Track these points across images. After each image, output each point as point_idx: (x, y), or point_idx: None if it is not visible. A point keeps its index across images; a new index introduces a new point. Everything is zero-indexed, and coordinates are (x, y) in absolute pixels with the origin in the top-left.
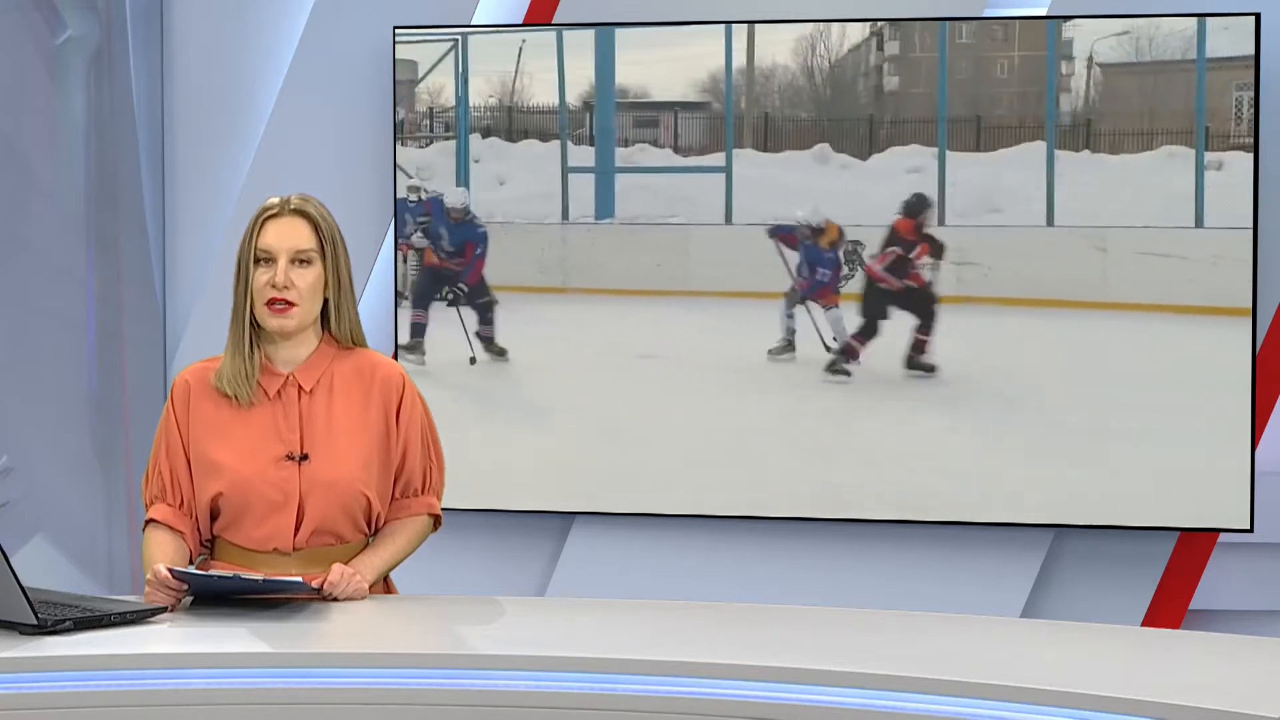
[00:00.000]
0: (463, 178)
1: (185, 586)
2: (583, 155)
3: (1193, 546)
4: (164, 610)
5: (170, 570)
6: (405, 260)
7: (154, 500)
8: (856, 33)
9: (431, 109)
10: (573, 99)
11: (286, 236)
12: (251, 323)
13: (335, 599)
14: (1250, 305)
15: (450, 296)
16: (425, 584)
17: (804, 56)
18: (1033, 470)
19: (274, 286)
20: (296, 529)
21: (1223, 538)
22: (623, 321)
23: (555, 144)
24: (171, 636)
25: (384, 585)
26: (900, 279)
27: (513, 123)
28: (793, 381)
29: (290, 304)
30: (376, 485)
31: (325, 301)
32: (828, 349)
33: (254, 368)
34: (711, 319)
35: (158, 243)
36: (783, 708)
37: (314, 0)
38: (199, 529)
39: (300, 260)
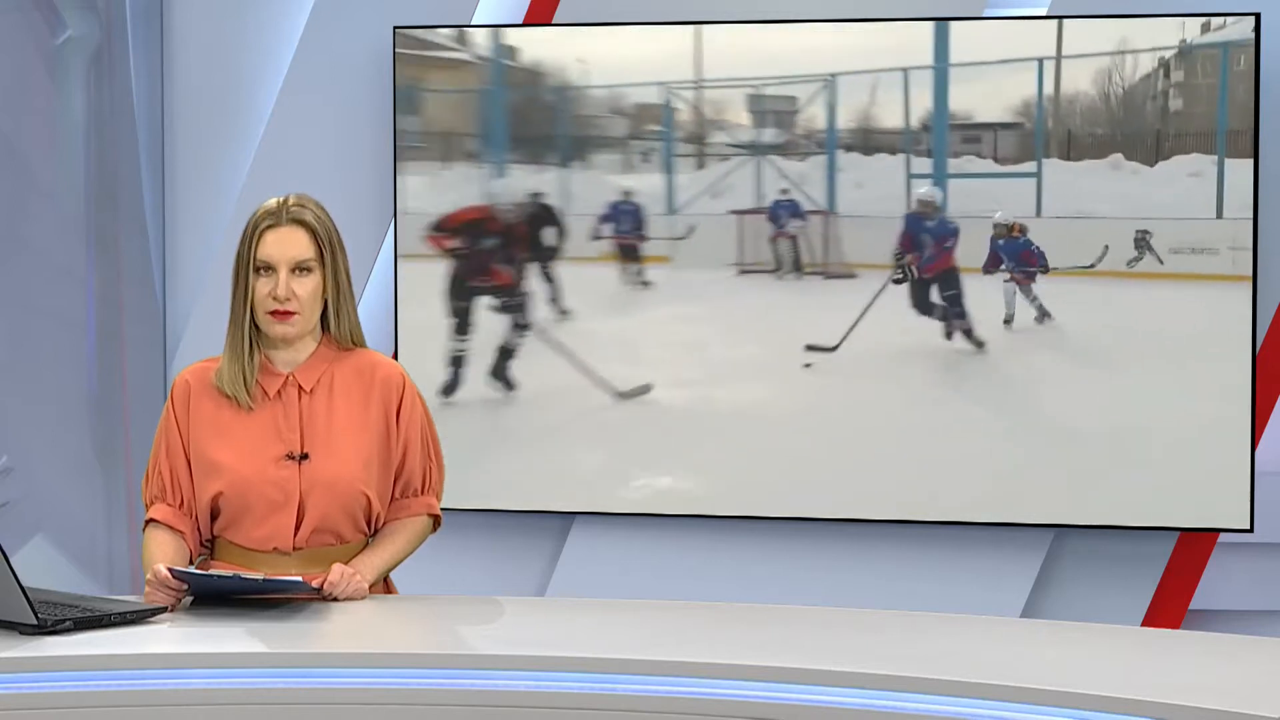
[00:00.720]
0: (830, 185)
1: (185, 586)
2: (922, 165)
3: (1193, 546)
4: (164, 610)
5: (170, 570)
6: (779, 246)
7: (154, 500)
8: (1147, 63)
9: (808, 132)
10: (914, 122)
11: (286, 247)
12: (251, 326)
13: (335, 599)
14: (1250, 304)
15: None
16: (425, 584)
17: (1101, 84)
18: (1033, 470)
19: (275, 298)
20: (297, 528)
21: (1223, 538)
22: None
23: (901, 157)
24: (171, 636)
25: (384, 585)
26: None
27: (868, 140)
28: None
29: (292, 313)
30: (376, 485)
31: (325, 304)
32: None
33: (252, 372)
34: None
35: (158, 243)
36: (783, 708)
37: (314, 0)
38: (199, 529)
39: (300, 269)
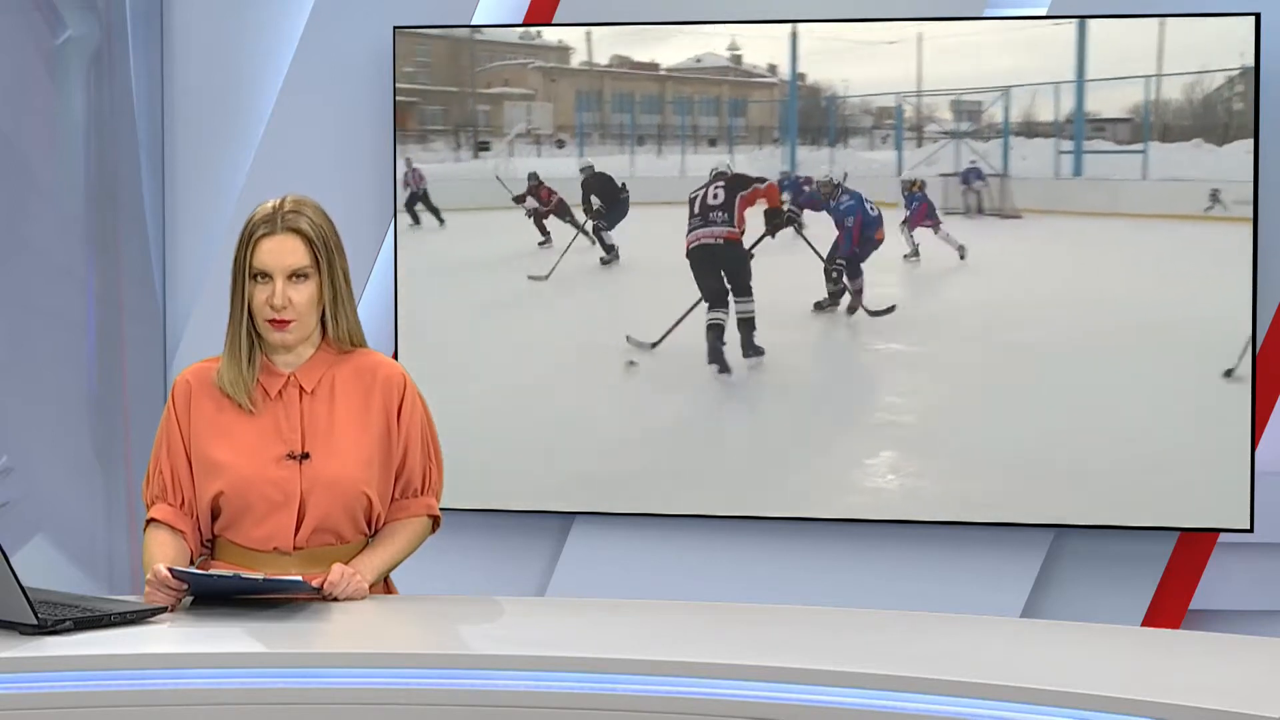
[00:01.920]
0: (1005, 158)
1: (185, 586)
2: (1066, 145)
3: (1193, 546)
4: (164, 610)
5: (170, 570)
6: None
7: (155, 500)
8: (1220, 77)
9: (990, 124)
10: (1061, 117)
11: (281, 255)
12: (250, 329)
13: (335, 599)
14: (1250, 304)
15: None
16: (425, 584)
17: (1186, 93)
18: (1033, 470)
19: (272, 306)
20: (297, 528)
21: (1223, 538)
22: None
23: (1052, 140)
24: (171, 636)
25: (384, 585)
26: None
27: (1030, 129)
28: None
29: (289, 321)
30: (377, 485)
31: (322, 308)
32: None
33: (252, 374)
34: None
35: (158, 243)
36: (783, 708)
37: (314, 0)
38: (200, 529)
39: (296, 276)
